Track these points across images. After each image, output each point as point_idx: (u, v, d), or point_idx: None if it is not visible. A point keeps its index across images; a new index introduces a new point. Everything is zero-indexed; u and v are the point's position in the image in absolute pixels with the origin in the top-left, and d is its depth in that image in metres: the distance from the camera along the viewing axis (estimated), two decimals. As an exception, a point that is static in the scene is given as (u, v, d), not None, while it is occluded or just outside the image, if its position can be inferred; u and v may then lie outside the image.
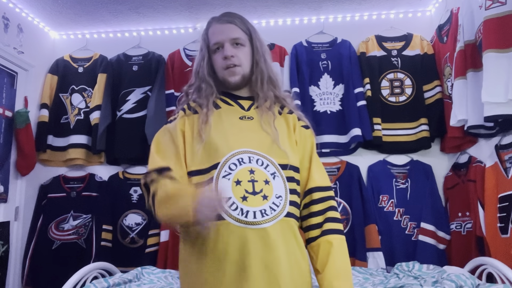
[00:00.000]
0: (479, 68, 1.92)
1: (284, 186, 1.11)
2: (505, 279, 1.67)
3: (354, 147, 2.58)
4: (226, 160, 1.09)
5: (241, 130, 1.17)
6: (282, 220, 1.07)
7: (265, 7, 2.64)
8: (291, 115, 1.25)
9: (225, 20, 1.24)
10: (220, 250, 1.04)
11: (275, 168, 1.11)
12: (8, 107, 2.47)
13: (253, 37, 1.25)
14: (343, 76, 2.62)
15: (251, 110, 1.22)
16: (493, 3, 1.79)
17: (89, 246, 2.53)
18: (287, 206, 1.09)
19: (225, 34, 1.21)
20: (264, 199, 1.06)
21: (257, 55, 1.24)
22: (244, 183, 1.07)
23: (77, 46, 2.91)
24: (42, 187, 2.69)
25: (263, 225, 1.04)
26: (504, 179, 1.86)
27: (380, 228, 2.39)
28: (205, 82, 1.23)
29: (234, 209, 1.04)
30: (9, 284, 2.46)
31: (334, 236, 1.13)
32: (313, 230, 1.15)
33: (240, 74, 1.21)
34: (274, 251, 1.04)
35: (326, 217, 1.15)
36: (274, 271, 1.04)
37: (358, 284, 1.91)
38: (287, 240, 1.08)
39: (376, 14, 2.78)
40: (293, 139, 1.21)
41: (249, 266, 1.02)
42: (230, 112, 1.21)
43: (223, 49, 1.20)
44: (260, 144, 1.14)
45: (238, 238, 1.03)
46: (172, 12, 2.68)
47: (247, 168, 1.08)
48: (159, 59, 2.78)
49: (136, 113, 2.67)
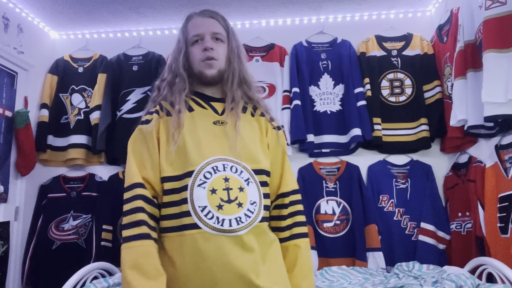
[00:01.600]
0: (479, 68, 1.92)
1: (258, 191, 1.13)
2: (505, 279, 1.67)
3: (354, 147, 2.58)
4: (201, 168, 1.09)
5: (215, 136, 1.16)
6: (257, 226, 1.10)
7: (265, 7, 2.64)
8: (263, 118, 1.26)
9: (207, 14, 1.25)
10: (197, 258, 1.04)
11: (249, 174, 1.13)
12: (8, 107, 2.47)
13: (230, 36, 1.26)
14: (343, 76, 2.62)
15: (224, 114, 1.21)
16: (493, 3, 1.79)
17: (89, 246, 2.53)
18: (262, 212, 1.12)
19: (206, 27, 1.22)
20: (239, 207, 1.08)
21: (231, 54, 1.24)
22: (219, 191, 1.07)
23: (77, 46, 2.92)
24: (42, 187, 2.69)
25: (238, 233, 1.06)
26: (504, 179, 1.86)
27: (380, 228, 2.39)
28: (178, 76, 1.22)
29: (210, 218, 1.05)
30: (9, 284, 2.46)
31: (302, 240, 1.20)
32: (282, 232, 1.20)
33: (217, 68, 1.20)
34: (250, 257, 1.06)
35: (295, 221, 1.20)
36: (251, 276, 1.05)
37: (358, 284, 1.91)
38: (262, 244, 1.11)
39: (376, 14, 2.78)
40: (265, 142, 1.22)
41: (226, 273, 1.04)
42: (204, 115, 1.19)
43: (202, 42, 1.20)
44: (233, 150, 1.14)
45: (214, 246, 1.04)
46: (172, 12, 2.68)
47: (222, 176, 1.09)
48: (159, 59, 2.78)
49: (136, 113, 2.66)
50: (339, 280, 2.00)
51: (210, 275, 1.04)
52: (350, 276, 2.05)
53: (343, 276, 2.04)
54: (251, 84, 1.27)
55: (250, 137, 1.19)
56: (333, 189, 2.50)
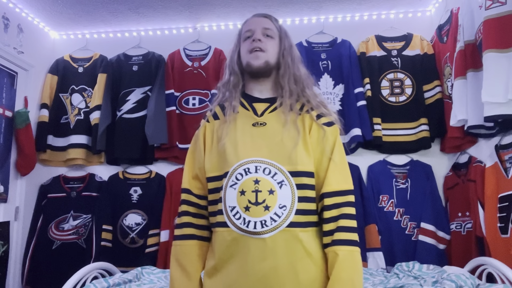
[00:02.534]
0: (479, 68, 1.92)
1: (291, 194, 1.09)
2: (505, 279, 1.67)
3: (354, 147, 2.58)
4: (234, 169, 1.12)
5: (252, 137, 1.16)
6: (284, 230, 1.06)
7: (265, 7, 2.64)
8: (307, 115, 1.20)
9: (261, 15, 1.31)
10: (224, 254, 1.11)
11: (284, 176, 1.10)
12: (8, 107, 2.48)
13: (283, 35, 1.29)
14: (343, 76, 2.62)
15: (265, 114, 1.20)
16: (493, 3, 1.79)
17: (89, 246, 2.53)
18: (292, 216, 1.07)
19: (258, 24, 1.26)
20: (265, 210, 1.07)
21: (285, 51, 1.26)
22: (248, 193, 1.09)
23: (77, 46, 2.92)
24: (42, 187, 2.69)
25: (262, 236, 1.06)
26: (504, 179, 1.86)
27: (380, 228, 2.39)
28: (233, 74, 1.27)
29: (238, 218, 1.08)
30: (9, 284, 2.46)
31: (343, 247, 1.08)
32: (325, 237, 1.12)
33: (263, 59, 1.21)
34: (271, 261, 1.05)
35: (338, 226, 1.10)
36: (271, 281, 1.05)
37: (358, 284, 1.91)
38: (290, 249, 1.07)
39: (376, 14, 2.78)
40: (307, 141, 1.16)
41: (247, 273, 1.06)
42: (245, 117, 1.21)
43: (252, 36, 1.24)
44: (269, 151, 1.13)
45: (239, 246, 1.08)
46: (172, 12, 2.68)
47: (252, 178, 1.10)
48: (159, 59, 2.78)
49: (136, 113, 2.67)
50: (339, 280, 1.99)
51: (233, 272, 1.08)
52: (350, 276, 2.04)
53: (343, 276, 2.04)
54: (302, 80, 1.26)
55: (290, 137, 1.14)
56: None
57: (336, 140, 1.19)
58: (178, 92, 2.71)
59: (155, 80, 2.70)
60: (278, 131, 1.16)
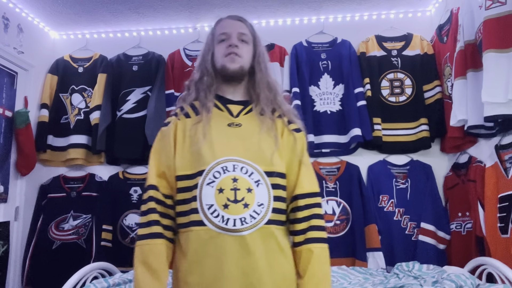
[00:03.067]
0: (479, 68, 1.92)
1: (268, 193, 1.13)
2: (505, 279, 1.67)
3: (354, 147, 2.58)
4: (211, 168, 1.12)
5: (228, 137, 1.18)
6: (262, 228, 1.10)
7: (265, 7, 2.64)
8: (279, 120, 1.25)
9: (236, 18, 1.30)
10: (199, 253, 1.09)
11: (260, 176, 1.13)
12: (8, 107, 2.47)
13: (257, 42, 1.30)
14: (343, 76, 2.62)
15: (240, 116, 1.23)
16: (493, 3, 1.79)
17: (89, 246, 2.53)
18: (269, 214, 1.11)
19: (233, 28, 1.26)
20: (245, 207, 1.09)
21: (259, 57, 1.28)
22: (227, 191, 1.10)
23: (77, 46, 2.92)
24: (42, 187, 2.69)
25: (242, 233, 1.07)
26: (504, 179, 1.86)
27: (380, 228, 2.39)
28: (206, 74, 1.26)
29: (216, 216, 1.08)
30: (9, 284, 2.46)
31: (316, 245, 1.15)
32: (297, 236, 1.17)
33: (239, 64, 1.23)
34: (251, 258, 1.07)
35: (310, 225, 1.16)
36: (251, 278, 1.07)
37: (358, 284, 1.91)
38: (267, 246, 1.10)
39: (376, 14, 2.78)
40: (280, 144, 1.21)
41: (226, 271, 1.06)
42: (219, 118, 1.22)
43: (228, 40, 1.24)
44: (246, 151, 1.15)
45: (217, 244, 1.07)
46: (172, 12, 2.68)
47: (231, 177, 1.11)
48: (159, 59, 2.78)
49: (136, 113, 2.67)
50: (339, 280, 2.00)
51: (210, 271, 1.07)
52: (350, 276, 2.05)
53: (343, 276, 2.04)
54: (274, 87, 1.29)
55: (265, 139, 1.19)
56: (333, 189, 2.50)
57: (304, 145, 1.26)
58: (178, 92, 2.70)
59: (155, 80, 2.70)
60: (254, 133, 1.19)
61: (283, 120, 1.26)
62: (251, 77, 1.27)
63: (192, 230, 1.11)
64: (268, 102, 1.25)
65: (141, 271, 1.11)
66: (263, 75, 1.27)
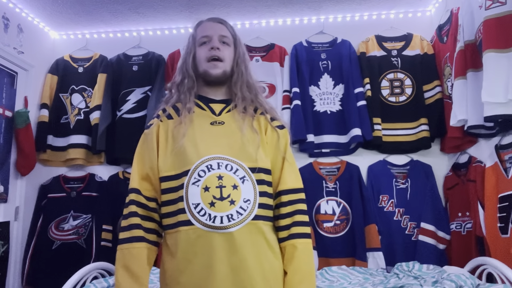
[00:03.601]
0: (479, 68, 1.92)
1: (253, 189, 1.14)
2: (505, 279, 1.67)
3: (354, 147, 2.58)
4: (196, 167, 1.13)
5: (211, 135, 1.20)
6: (250, 224, 1.10)
7: (265, 7, 2.64)
8: (262, 117, 1.27)
9: (216, 20, 1.31)
10: (188, 253, 1.09)
11: (245, 172, 1.14)
12: (8, 107, 2.47)
13: (237, 43, 1.32)
14: (343, 76, 2.62)
15: (222, 114, 1.25)
16: (493, 3, 1.79)
17: (89, 246, 2.53)
18: (255, 209, 1.12)
19: (214, 30, 1.27)
20: (231, 204, 1.10)
21: (239, 59, 1.30)
22: (212, 189, 1.10)
23: (77, 46, 2.92)
24: (42, 187, 2.69)
25: (229, 230, 1.08)
26: (504, 179, 1.86)
27: (380, 228, 2.39)
28: (188, 77, 1.27)
29: (202, 215, 1.09)
30: (9, 284, 2.46)
31: (300, 240, 1.16)
32: (281, 231, 1.18)
33: (222, 69, 1.25)
34: (240, 254, 1.08)
35: (294, 221, 1.17)
36: (241, 274, 1.07)
37: (358, 284, 1.91)
38: (255, 242, 1.11)
39: (376, 14, 2.78)
40: (264, 141, 1.23)
41: (216, 269, 1.06)
42: (202, 117, 1.24)
43: (210, 43, 1.25)
44: (230, 149, 1.17)
45: (205, 242, 1.08)
46: (172, 12, 2.68)
47: (216, 174, 1.12)
48: (159, 59, 2.78)
49: (136, 113, 2.67)
50: (339, 280, 2.00)
51: (201, 270, 1.07)
52: (350, 276, 2.05)
53: (343, 276, 2.04)
54: (255, 87, 1.31)
55: (248, 136, 1.20)
56: (333, 189, 2.50)
57: (287, 142, 1.27)
58: (178, 92, 2.70)
59: (155, 80, 2.70)
60: (236, 130, 1.21)
61: (266, 117, 1.27)
62: (232, 77, 1.29)
63: (180, 230, 1.10)
64: (249, 102, 1.27)
65: (121, 275, 1.11)
66: (242, 76, 1.28)
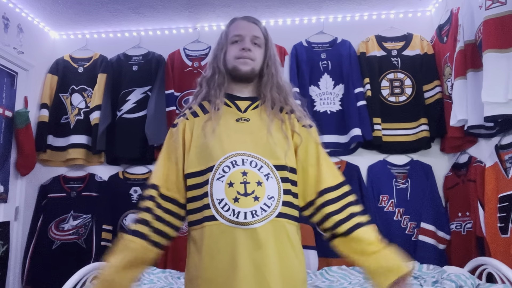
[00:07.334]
0: (479, 68, 1.92)
1: (277, 187, 1.13)
2: (505, 279, 1.67)
3: (354, 147, 2.58)
4: (221, 163, 1.13)
5: (236, 132, 1.20)
6: (273, 221, 1.10)
7: (265, 7, 2.64)
8: (290, 116, 1.26)
9: (251, 20, 1.31)
10: (212, 249, 1.10)
11: (269, 169, 1.14)
12: (8, 107, 2.47)
13: (269, 44, 1.31)
14: (343, 76, 2.62)
15: (248, 111, 1.24)
16: (493, 3, 1.79)
17: (89, 246, 2.53)
18: (279, 207, 1.12)
19: (248, 30, 1.27)
20: (255, 200, 1.09)
21: (270, 60, 1.29)
22: (237, 185, 1.10)
23: (77, 46, 2.92)
24: (42, 187, 2.69)
25: (253, 226, 1.07)
26: (504, 179, 1.86)
27: (380, 228, 2.38)
28: (218, 73, 1.27)
29: (226, 210, 1.09)
30: (9, 284, 2.46)
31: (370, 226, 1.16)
32: (339, 227, 1.15)
33: (251, 66, 1.24)
34: (263, 251, 1.07)
35: (351, 213, 1.16)
36: (263, 270, 1.07)
37: (358, 284, 1.91)
38: (278, 240, 1.10)
39: (376, 14, 2.78)
40: (290, 139, 1.22)
41: (239, 265, 1.06)
42: (227, 114, 1.23)
43: (242, 42, 1.25)
44: (255, 145, 1.16)
45: (229, 238, 1.08)
46: (172, 12, 2.68)
47: (240, 170, 1.12)
48: (159, 59, 2.78)
49: (136, 113, 2.67)
50: (339, 280, 2.00)
51: (224, 265, 1.07)
52: (350, 276, 2.05)
53: (343, 276, 2.04)
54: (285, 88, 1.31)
55: (273, 134, 1.19)
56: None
57: (318, 139, 1.28)
58: (178, 92, 2.71)
59: (155, 80, 2.70)
60: (262, 127, 1.20)
61: (294, 115, 1.26)
62: (261, 78, 1.28)
63: (205, 226, 1.11)
64: (277, 102, 1.26)
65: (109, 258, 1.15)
66: (272, 78, 1.28)
